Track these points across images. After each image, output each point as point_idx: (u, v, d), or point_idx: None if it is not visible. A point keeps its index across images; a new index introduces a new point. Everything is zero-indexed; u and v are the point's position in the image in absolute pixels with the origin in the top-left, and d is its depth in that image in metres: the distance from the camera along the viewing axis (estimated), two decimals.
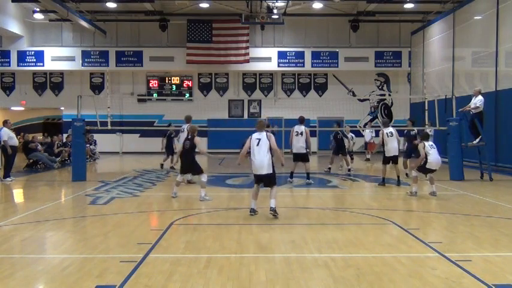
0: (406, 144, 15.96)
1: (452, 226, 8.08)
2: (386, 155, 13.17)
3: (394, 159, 13.19)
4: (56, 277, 5.36)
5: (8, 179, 14.33)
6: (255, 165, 8.77)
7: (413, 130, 15.75)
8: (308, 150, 13.70)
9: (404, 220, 8.37)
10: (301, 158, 13.62)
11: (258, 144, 8.74)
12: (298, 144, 13.56)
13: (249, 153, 8.97)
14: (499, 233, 7.41)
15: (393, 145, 13.07)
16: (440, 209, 9.62)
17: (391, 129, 13.31)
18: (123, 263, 5.82)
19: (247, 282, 5.14)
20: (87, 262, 5.89)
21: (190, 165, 10.96)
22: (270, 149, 8.78)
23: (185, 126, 12.94)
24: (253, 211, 8.78)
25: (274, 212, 8.55)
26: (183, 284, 5.08)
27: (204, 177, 10.77)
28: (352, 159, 18.20)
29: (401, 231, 7.52)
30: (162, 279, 5.21)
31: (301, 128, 13.56)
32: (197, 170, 10.98)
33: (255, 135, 8.88)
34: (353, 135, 19.43)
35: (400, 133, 14.46)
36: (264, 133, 8.90)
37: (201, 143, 11.19)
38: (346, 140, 16.53)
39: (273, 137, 8.95)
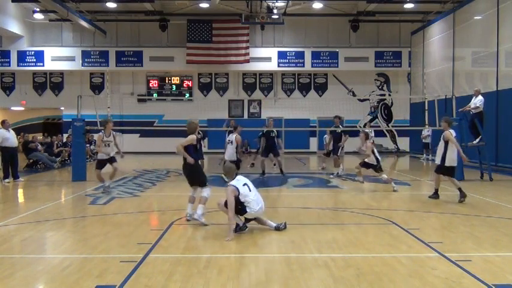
0: (332, 142, 15.64)
1: (452, 226, 8.08)
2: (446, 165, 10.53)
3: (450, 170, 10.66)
4: (56, 277, 5.36)
5: (15, 179, 14.25)
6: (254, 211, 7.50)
7: (339, 128, 15.59)
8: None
9: (404, 220, 8.37)
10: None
11: (250, 190, 7.47)
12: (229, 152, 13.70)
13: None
14: (499, 233, 7.41)
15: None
16: (440, 209, 9.61)
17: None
18: (123, 263, 5.81)
19: (247, 282, 5.14)
20: (87, 262, 5.89)
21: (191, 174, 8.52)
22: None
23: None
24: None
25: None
26: (183, 284, 5.07)
27: (206, 192, 8.29)
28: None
29: (401, 231, 7.52)
30: (162, 279, 5.21)
31: (232, 136, 13.75)
32: (200, 181, 8.47)
33: (239, 183, 7.45)
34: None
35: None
36: (243, 178, 7.65)
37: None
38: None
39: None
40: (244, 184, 7.40)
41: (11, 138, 14.35)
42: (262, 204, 7.53)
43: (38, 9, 25.15)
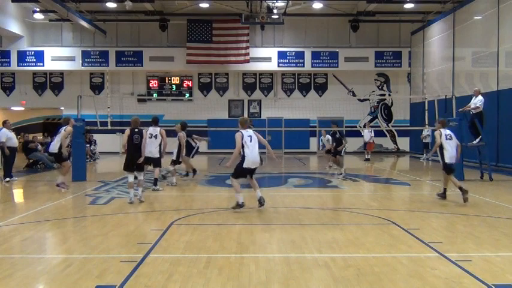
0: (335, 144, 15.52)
1: (452, 226, 8.08)
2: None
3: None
4: (56, 277, 5.36)
5: (13, 178, 14.31)
6: (250, 159, 9.24)
7: (337, 133, 15.48)
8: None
9: (404, 220, 8.36)
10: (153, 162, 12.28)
11: (251, 141, 9.24)
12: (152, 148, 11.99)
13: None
14: (499, 233, 7.40)
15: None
16: (440, 209, 9.61)
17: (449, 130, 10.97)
18: (123, 263, 5.81)
19: (247, 282, 5.14)
20: (87, 262, 5.89)
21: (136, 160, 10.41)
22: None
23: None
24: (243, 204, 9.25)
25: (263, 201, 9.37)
26: (183, 284, 5.07)
27: (141, 176, 10.66)
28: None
29: (401, 231, 7.51)
30: (162, 279, 5.20)
31: (156, 130, 12.24)
32: (141, 167, 10.67)
33: (246, 133, 9.31)
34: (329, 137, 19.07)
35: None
36: (252, 130, 9.50)
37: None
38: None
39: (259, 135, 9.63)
40: (249, 136, 9.21)
41: (14, 138, 14.66)
42: (257, 156, 9.22)
43: (38, 9, 25.15)
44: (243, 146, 9.12)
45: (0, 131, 14.37)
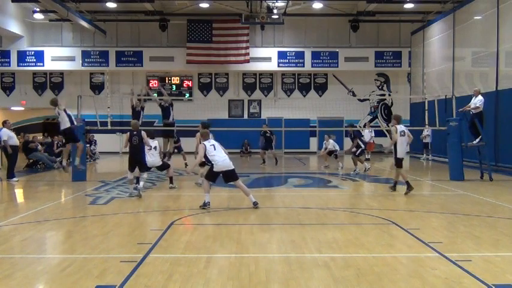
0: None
1: (452, 226, 8.08)
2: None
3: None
4: (56, 277, 5.36)
5: (14, 179, 14.32)
6: (220, 164, 9.61)
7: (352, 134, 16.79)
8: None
9: (404, 220, 8.36)
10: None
11: (215, 149, 9.68)
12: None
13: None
14: (499, 233, 7.40)
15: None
16: (440, 209, 9.62)
17: (404, 127, 11.91)
18: (123, 263, 5.81)
19: (247, 282, 5.14)
20: (87, 262, 5.89)
21: (139, 162, 11.29)
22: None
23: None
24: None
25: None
26: (183, 284, 5.07)
27: (145, 174, 11.84)
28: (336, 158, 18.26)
29: (401, 231, 7.51)
30: (162, 279, 5.20)
31: (155, 142, 12.63)
32: (143, 168, 11.54)
33: (208, 144, 9.75)
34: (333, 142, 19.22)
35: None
36: (213, 140, 10.06)
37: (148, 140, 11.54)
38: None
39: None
40: (212, 145, 9.70)
41: (14, 137, 14.83)
42: (226, 160, 9.60)
43: (38, 9, 25.14)
44: (206, 157, 9.67)
45: (0, 131, 14.43)
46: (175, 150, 17.33)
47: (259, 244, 6.91)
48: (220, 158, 9.60)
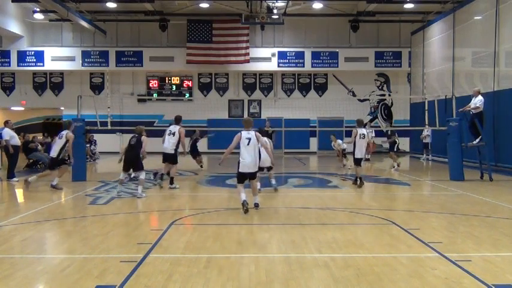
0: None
1: (452, 226, 8.08)
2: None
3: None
4: (56, 277, 5.36)
5: (14, 179, 14.34)
6: (245, 163, 9.11)
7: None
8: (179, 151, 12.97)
9: (404, 220, 8.36)
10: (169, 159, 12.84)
11: (248, 144, 9.05)
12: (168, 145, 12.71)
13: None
14: (499, 233, 7.40)
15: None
16: (440, 209, 9.62)
17: (364, 130, 13.40)
18: (123, 263, 5.81)
19: (247, 282, 5.14)
20: (87, 262, 5.89)
21: (133, 162, 11.38)
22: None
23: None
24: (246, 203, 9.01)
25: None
26: (183, 284, 5.07)
27: (142, 175, 11.34)
28: (344, 157, 18.49)
29: (401, 231, 7.51)
30: (162, 279, 5.21)
31: (176, 128, 12.79)
32: (138, 167, 11.47)
33: (245, 134, 9.13)
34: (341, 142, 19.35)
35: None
36: (253, 132, 9.24)
37: (147, 142, 11.60)
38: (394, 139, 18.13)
39: (261, 137, 9.37)
40: (248, 138, 9.00)
41: (16, 137, 14.85)
42: (253, 161, 9.01)
43: (38, 9, 25.14)
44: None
45: (3, 130, 14.47)
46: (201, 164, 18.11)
47: (259, 244, 6.91)
48: (248, 157, 8.99)
